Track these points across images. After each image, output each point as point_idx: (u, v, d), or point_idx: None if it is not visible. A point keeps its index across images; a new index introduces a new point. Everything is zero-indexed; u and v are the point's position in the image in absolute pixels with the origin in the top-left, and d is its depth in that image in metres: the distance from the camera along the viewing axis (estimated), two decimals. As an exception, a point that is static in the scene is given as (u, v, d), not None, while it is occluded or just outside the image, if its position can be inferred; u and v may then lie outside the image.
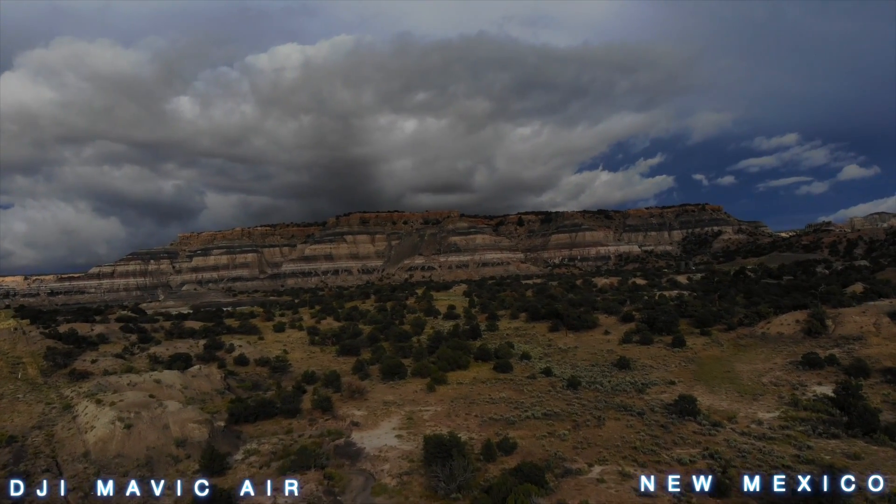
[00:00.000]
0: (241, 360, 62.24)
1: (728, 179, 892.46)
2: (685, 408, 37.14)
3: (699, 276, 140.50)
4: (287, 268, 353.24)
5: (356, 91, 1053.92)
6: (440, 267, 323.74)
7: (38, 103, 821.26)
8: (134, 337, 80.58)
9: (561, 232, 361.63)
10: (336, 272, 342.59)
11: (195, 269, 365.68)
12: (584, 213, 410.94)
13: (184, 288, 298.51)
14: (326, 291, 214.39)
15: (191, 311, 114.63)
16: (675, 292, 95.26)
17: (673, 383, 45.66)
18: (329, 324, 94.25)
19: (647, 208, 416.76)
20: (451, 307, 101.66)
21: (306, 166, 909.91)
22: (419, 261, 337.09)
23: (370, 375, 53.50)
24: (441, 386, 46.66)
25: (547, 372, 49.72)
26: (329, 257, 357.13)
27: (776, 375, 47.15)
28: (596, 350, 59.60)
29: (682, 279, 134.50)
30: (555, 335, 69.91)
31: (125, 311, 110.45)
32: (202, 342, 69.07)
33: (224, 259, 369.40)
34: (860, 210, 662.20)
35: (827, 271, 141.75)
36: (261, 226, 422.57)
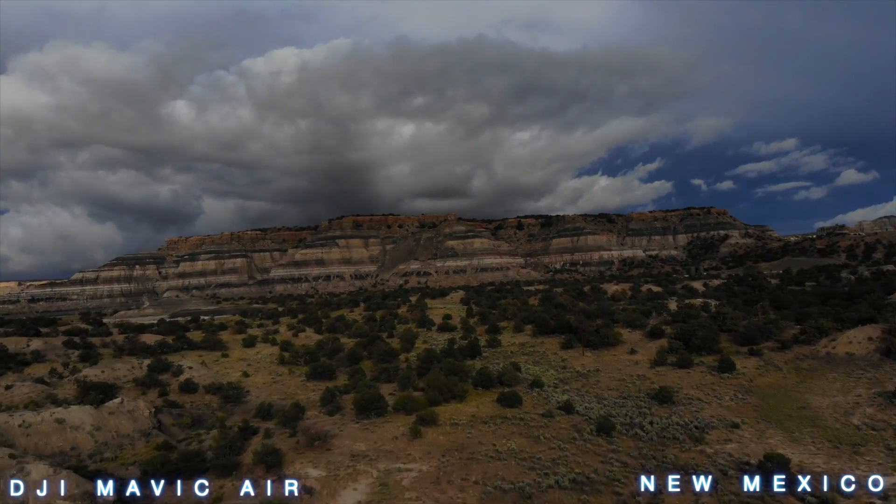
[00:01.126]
0: (189, 387, 50.96)
1: (727, 184, 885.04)
2: (774, 472, 26.10)
3: (717, 281, 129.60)
4: (276, 273, 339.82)
5: (353, 95, 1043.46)
6: (436, 272, 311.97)
7: (32, 107, 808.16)
8: (76, 354, 69.16)
9: (562, 236, 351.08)
10: (328, 278, 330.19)
11: (182, 275, 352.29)
12: (585, 216, 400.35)
13: (165, 294, 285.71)
14: (315, 299, 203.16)
15: (154, 323, 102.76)
16: (698, 300, 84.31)
17: (736, 426, 34.57)
18: (308, 337, 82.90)
19: (650, 212, 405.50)
20: (447, 317, 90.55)
21: (304, 171, 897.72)
22: (415, 266, 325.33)
23: (342, 408, 42.34)
24: (429, 428, 35.43)
25: (567, 407, 38.55)
26: (320, 262, 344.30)
27: (867, 413, 36.12)
28: (623, 375, 48.34)
29: (697, 286, 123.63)
30: (569, 353, 58.61)
31: (76, 323, 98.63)
32: (147, 362, 57.67)
33: (212, 264, 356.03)
34: (858, 215, 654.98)
35: (853, 277, 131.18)
36: (251, 230, 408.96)
